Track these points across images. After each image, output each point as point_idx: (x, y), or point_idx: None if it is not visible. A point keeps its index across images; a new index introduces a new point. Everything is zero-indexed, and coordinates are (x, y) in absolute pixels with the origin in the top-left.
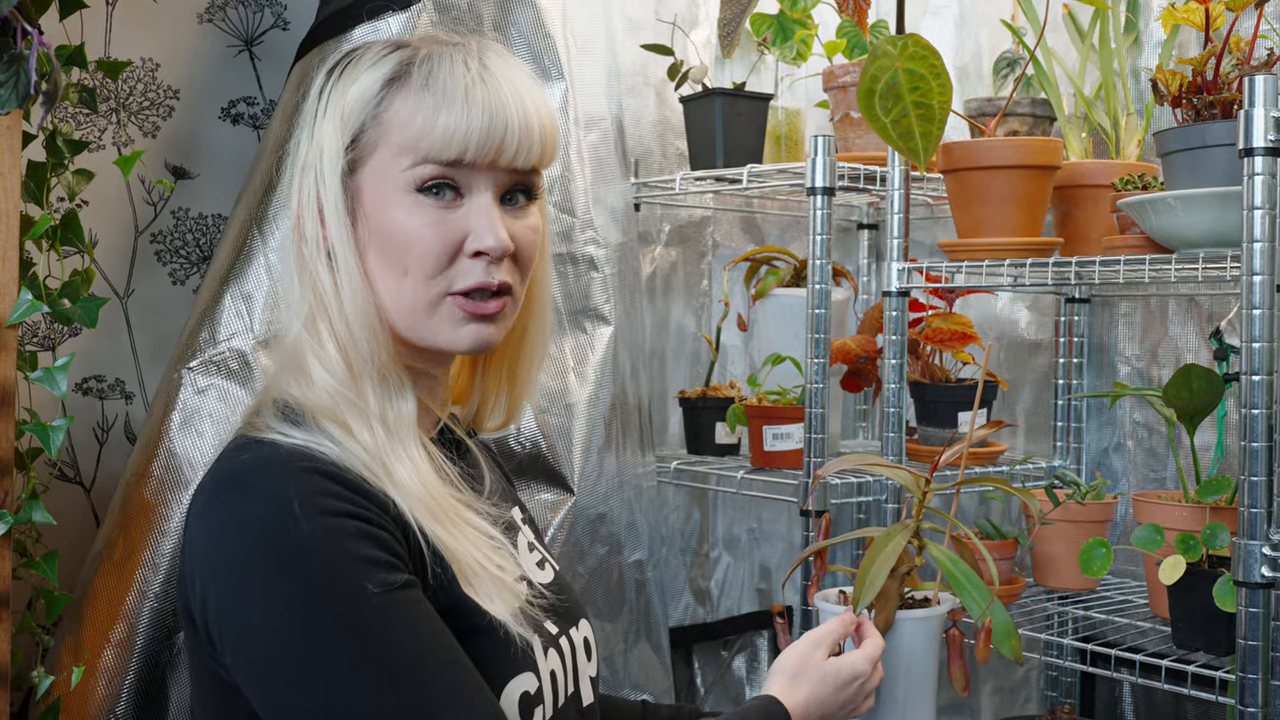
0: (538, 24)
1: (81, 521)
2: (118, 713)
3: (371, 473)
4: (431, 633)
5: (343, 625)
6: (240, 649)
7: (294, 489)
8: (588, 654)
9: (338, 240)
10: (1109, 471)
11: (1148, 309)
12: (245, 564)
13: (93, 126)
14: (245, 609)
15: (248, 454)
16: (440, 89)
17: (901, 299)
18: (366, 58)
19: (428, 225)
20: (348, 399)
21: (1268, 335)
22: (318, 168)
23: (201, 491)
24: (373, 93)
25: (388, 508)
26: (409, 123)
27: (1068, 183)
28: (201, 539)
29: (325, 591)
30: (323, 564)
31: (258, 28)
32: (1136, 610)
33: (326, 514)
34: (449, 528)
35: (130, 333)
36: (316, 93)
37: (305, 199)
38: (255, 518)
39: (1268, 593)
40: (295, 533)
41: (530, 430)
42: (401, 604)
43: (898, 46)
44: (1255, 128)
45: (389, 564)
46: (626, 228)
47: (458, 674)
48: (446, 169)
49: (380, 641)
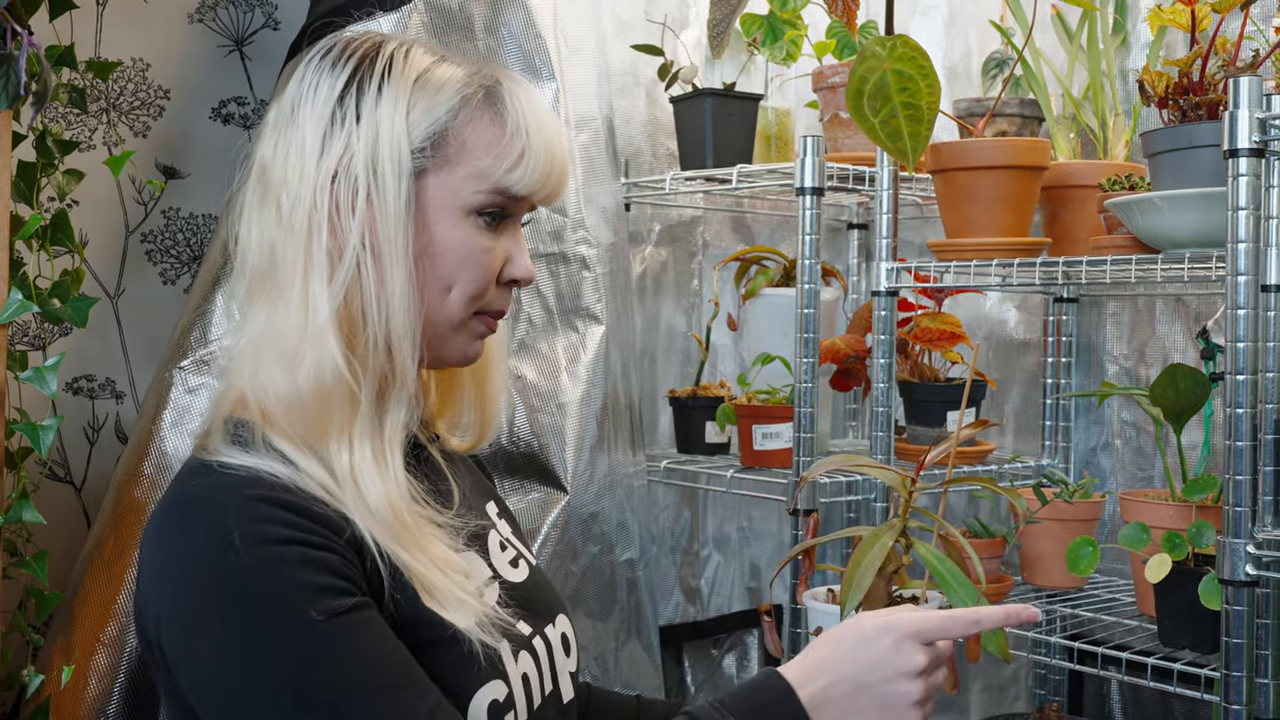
0: (528, 24)
1: (72, 521)
2: (109, 712)
3: (328, 493)
4: (380, 657)
5: (284, 656)
6: (191, 680)
7: (234, 518)
8: (566, 650)
9: (392, 242)
10: (1097, 470)
11: (1135, 309)
12: (187, 597)
13: (83, 126)
14: (190, 642)
15: (197, 480)
16: (518, 126)
17: (890, 299)
18: (417, 58)
19: (484, 251)
20: (342, 409)
21: (1252, 335)
22: (373, 159)
23: (152, 520)
24: (453, 104)
25: (340, 529)
26: (488, 150)
27: (1056, 183)
28: (148, 570)
29: (267, 621)
30: (263, 594)
31: (248, 28)
32: (1124, 608)
33: (268, 542)
34: (409, 546)
35: (121, 332)
36: (358, 66)
37: (347, 188)
38: (195, 551)
39: (1252, 591)
40: (235, 564)
41: (523, 429)
42: (347, 629)
43: (886, 47)
44: (1240, 129)
45: (335, 589)
46: (617, 227)
47: (408, 697)
48: (508, 201)
49: (324, 670)
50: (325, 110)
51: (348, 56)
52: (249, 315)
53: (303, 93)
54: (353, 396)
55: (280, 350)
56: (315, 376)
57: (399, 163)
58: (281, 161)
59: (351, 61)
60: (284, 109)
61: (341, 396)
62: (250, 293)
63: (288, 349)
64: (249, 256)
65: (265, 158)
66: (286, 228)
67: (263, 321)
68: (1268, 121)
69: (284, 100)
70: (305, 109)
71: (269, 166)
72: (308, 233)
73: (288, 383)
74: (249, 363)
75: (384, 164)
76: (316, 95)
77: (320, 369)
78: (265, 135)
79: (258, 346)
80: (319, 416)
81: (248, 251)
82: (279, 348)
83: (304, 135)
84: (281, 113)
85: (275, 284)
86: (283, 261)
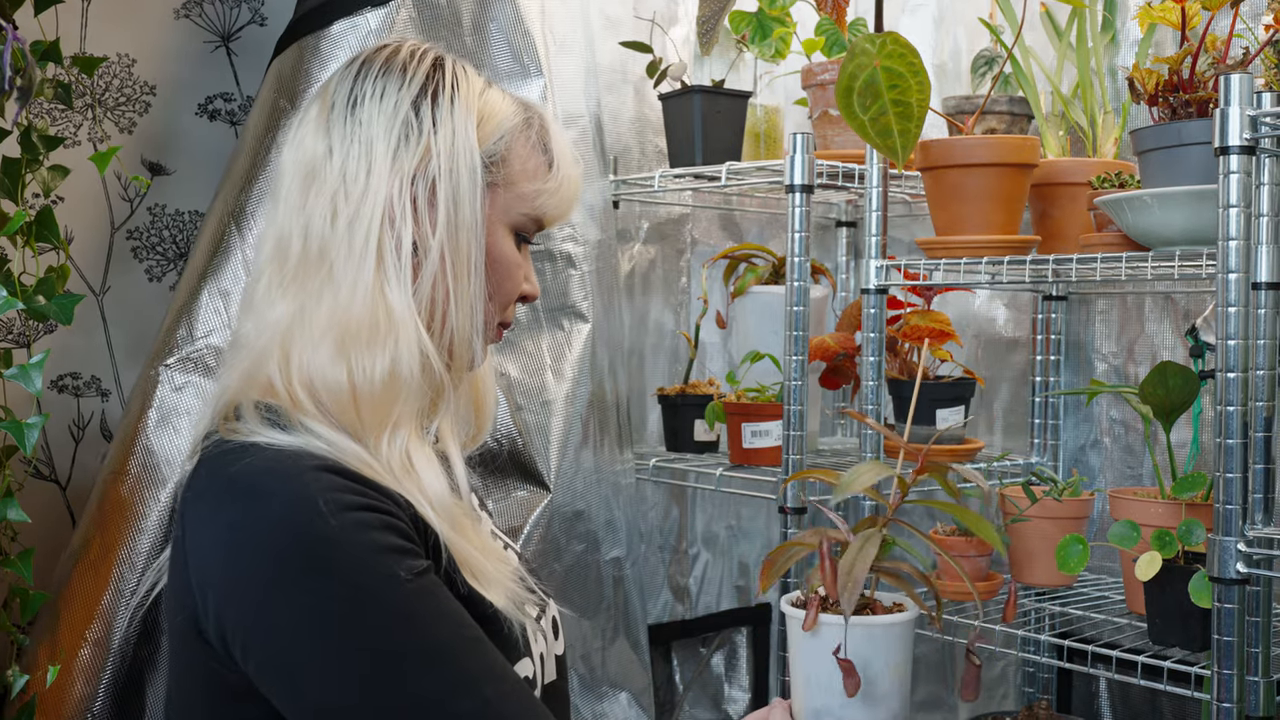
0: (516, 21)
1: (57, 519)
2: (95, 711)
3: (371, 469)
4: (459, 614)
5: (383, 614)
6: (274, 654)
7: (314, 486)
8: (555, 633)
9: (468, 247)
10: (1086, 468)
11: (1125, 306)
12: (273, 569)
13: (68, 122)
14: (278, 614)
15: (248, 458)
16: (558, 160)
17: (880, 296)
18: (473, 76)
19: (519, 266)
20: (409, 401)
21: (1242, 332)
22: (453, 166)
23: (200, 500)
24: (514, 125)
25: (398, 500)
26: (533, 177)
27: (1045, 181)
28: (211, 548)
29: (362, 582)
30: (356, 556)
31: (234, 23)
32: (1113, 606)
33: (349, 509)
34: (462, 531)
35: (106, 329)
36: (430, 75)
37: (424, 190)
38: (278, 520)
39: (1242, 588)
40: (324, 529)
41: (506, 427)
42: (431, 588)
43: (876, 45)
44: (1230, 126)
45: (413, 551)
46: (605, 225)
47: (489, 651)
48: (539, 225)
49: (420, 626)
50: (399, 113)
51: (417, 63)
52: (279, 303)
53: (366, 93)
54: (421, 390)
55: (343, 341)
56: (392, 369)
57: (474, 171)
58: (340, 159)
59: (422, 68)
60: (336, 106)
61: (413, 389)
62: (286, 283)
63: (356, 340)
64: (290, 247)
65: (314, 153)
66: (348, 224)
67: (309, 312)
68: (1258, 119)
69: (334, 97)
70: (371, 110)
71: (320, 162)
72: (379, 230)
73: (354, 372)
74: (283, 350)
75: (462, 171)
76: (385, 98)
77: (400, 363)
78: (307, 130)
79: (300, 335)
80: (382, 407)
81: (287, 242)
82: (341, 339)
83: (371, 135)
84: (333, 109)
85: (325, 277)
86: (338, 256)
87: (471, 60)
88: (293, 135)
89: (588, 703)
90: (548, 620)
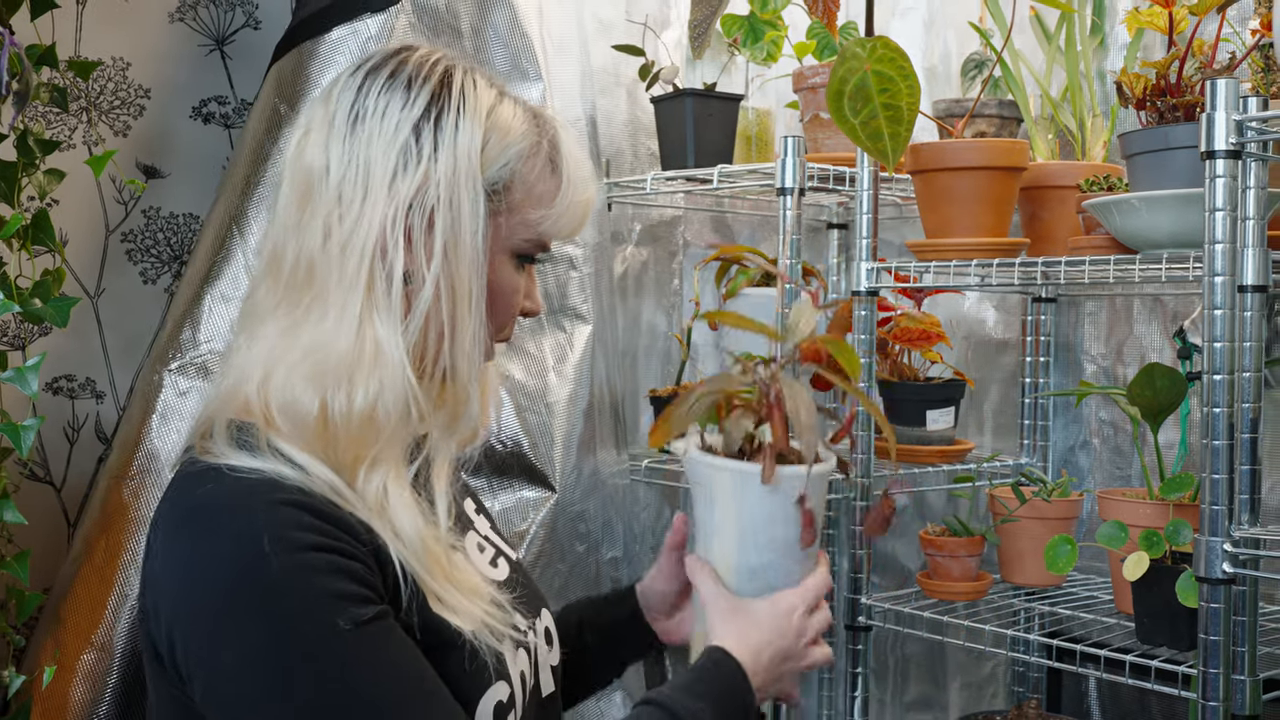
0: (514, 24)
1: (52, 521)
2: (100, 715)
3: (340, 496)
4: (402, 665)
5: (315, 665)
6: (212, 689)
7: (262, 523)
8: (549, 643)
9: (468, 279)
10: (1075, 469)
11: (1113, 308)
12: (216, 605)
13: (63, 125)
14: (217, 651)
15: (210, 484)
16: (570, 180)
17: (870, 298)
18: (483, 90)
19: (515, 291)
20: (390, 436)
21: (1229, 335)
22: (453, 196)
23: (163, 524)
24: (522, 149)
25: (359, 533)
26: (540, 202)
27: (1034, 183)
28: (166, 577)
29: (298, 629)
30: (295, 602)
31: (229, 27)
32: (1102, 606)
33: (297, 549)
34: (431, 567)
35: (101, 332)
36: (435, 94)
37: (421, 219)
38: (224, 557)
39: (1229, 588)
40: (266, 571)
41: (511, 429)
42: (372, 638)
43: (866, 48)
44: (1216, 131)
45: (360, 597)
46: (601, 227)
47: (429, 705)
48: (545, 247)
49: (352, 680)
50: (399, 136)
51: (422, 80)
52: (269, 319)
53: (368, 110)
54: (400, 432)
55: (321, 371)
56: (371, 408)
57: (476, 201)
58: (337, 178)
59: (428, 86)
60: (337, 119)
61: (393, 430)
62: (278, 299)
63: (335, 373)
64: (283, 263)
65: (312, 167)
66: (340, 248)
67: (292, 333)
68: (1244, 123)
69: (335, 108)
70: (372, 128)
71: (318, 178)
72: (371, 259)
73: (330, 405)
74: (264, 370)
75: (463, 201)
76: (387, 117)
77: (380, 403)
78: (310, 139)
79: (281, 357)
80: (358, 444)
81: (280, 257)
82: (319, 368)
83: (369, 157)
84: (334, 122)
85: (313, 300)
86: (327, 280)
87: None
88: (294, 143)
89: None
90: (541, 628)
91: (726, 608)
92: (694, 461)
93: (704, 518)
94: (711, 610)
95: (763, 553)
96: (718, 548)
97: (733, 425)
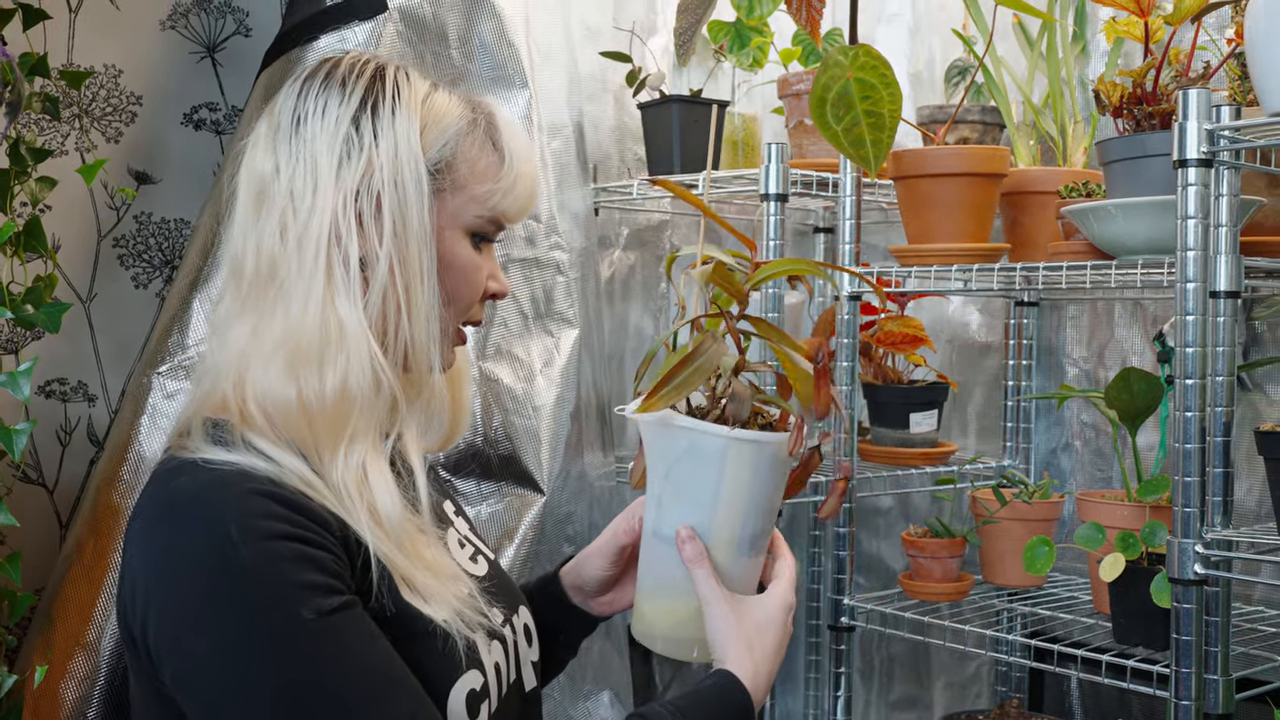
0: (501, 33)
1: (44, 523)
2: (89, 715)
3: (310, 487)
4: (366, 656)
5: (280, 654)
6: (181, 676)
7: (231, 512)
8: (529, 639)
9: (417, 258)
10: (1057, 471)
11: (1094, 312)
12: (185, 593)
13: (55, 132)
14: (181, 636)
15: (184, 477)
16: (512, 157)
17: (854, 302)
18: (416, 82)
19: (477, 269)
20: (362, 417)
21: (1201, 340)
22: (396, 177)
23: (139, 517)
24: (460, 128)
25: (328, 524)
26: (485, 177)
27: (1015, 189)
28: (138, 565)
29: (261, 619)
30: (259, 591)
31: (220, 34)
32: (1081, 606)
33: (264, 537)
34: (407, 551)
35: (93, 336)
36: (369, 88)
37: (369, 205)
38: (190, 546)
39: (1200, 589)
40: (234, 559)
41: (499, 432)
42: (337, 629)
43: (849, 56)
44: (1189, 140)
45: (326, 587)
46: (588, 232)
47: (394, 696)
48: (498, 225)
49: (316, 670)
50: (340, 129)
51: (355, 76)
52: (236, 322)
53: (309, 110)
54: (374, 404)
55: (293, 359)
56: (343, 385)
57: (420, 180)
58: (287, 178)
59: (361, 81)
60: (282, 125)
61: (366, 404)
62: (242, 301)
63: (306, 358)
64: (244, 266)
65: (263, 172)
66: (296, 241)
67: (261, 330)
68: (1215, 133)
69: (279, 116)
70: (314, 127)
71: (269, 181)
72: (327, 246)
73: (304, 390)
74: (238, 369)
75: (407, 181)
76: (326, 114)
77: (350, 378)
78: (258, 149)
79: (254, 354)
80: (334, 423)
81: (241, 261)
82: (291, 356)
83: (315, 152)
84: (279, 128)
85: (277, 295)
86: (288, 274)
87: (458, 73)
88: (247, 154)
89: (573, 702)
90: (520, 624)
91: (730, 614)
92: (700, 432)
93: (695, 489)
94: (714, 616)
95: (763, 519)
96: (721, 518)
97: (740, 395)
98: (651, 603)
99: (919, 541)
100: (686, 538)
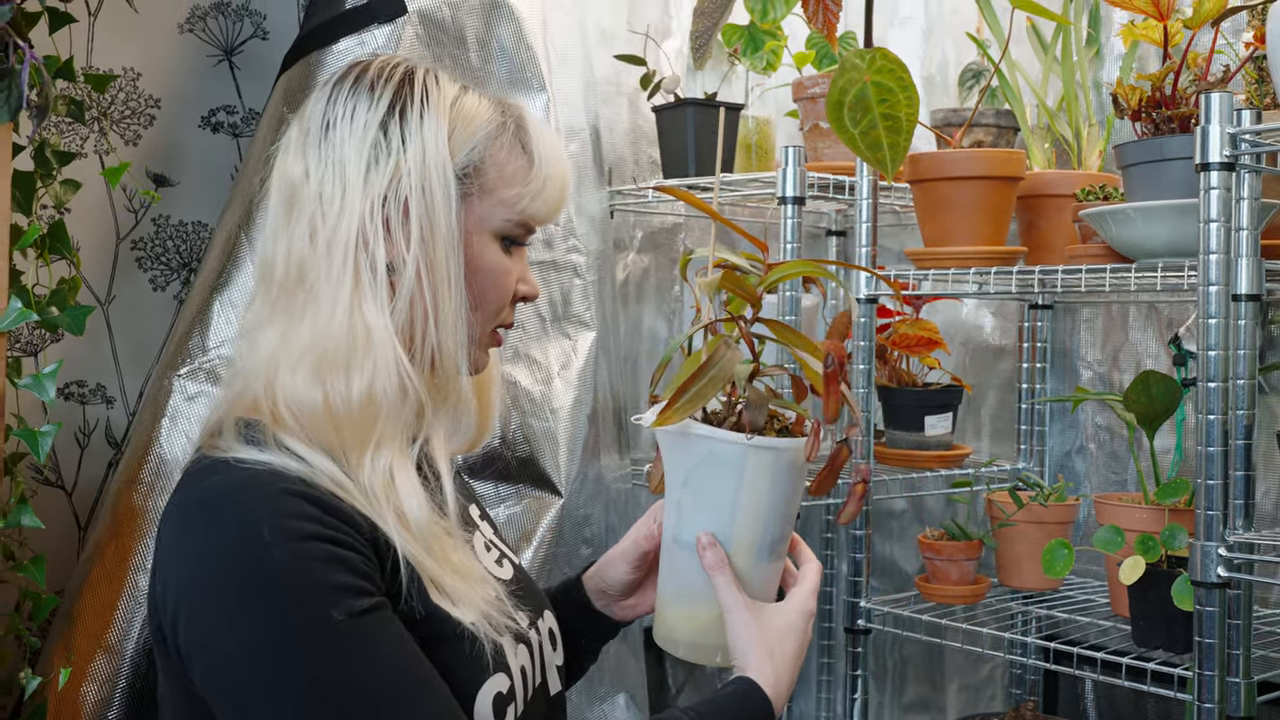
0: (519, 37)
1: (63, 525)
2: (111, 716)
3: (341, 489)
4: (395, 658)
5: (309, 655)
6: (208, 673)
7: (263, 512)
8: (554, 644)
9: (445, 262)
10: (1071, 474)
11: (1109, 315)
12: (216, 591)
13: (75, 136)
14: (215, 636)
15: (216, 476)
16: (542, 159)
17: (869, 305)
18: (445, 85)
19: (506, 273)
20: (390, 421)
21: (1223, 343)
22: (424, 182)
23: (171, 516)
24: (489, 132)
25: (359, 525)
26: (514, 180)
27: (1031, 192)
28: (170, 563)
29: (293, 618)
30: (292, 591)
31: (237, 38)
32: (1098, 610)
33: (296, 538)
34: (435, 554)
35: (111, 338)
36: (398, 92)
37: (397, 209)
38: (222, 545)
39: (1223, 592)
40: (265, 559)
41: (517, 435)
42: (366, 631)
43: (866, 60)
44: (1211, 143)
45: (356, 589)
46: (604, 235)
47: (422, 699)
48: (528, 228)
49: (344, 671)
50: (368, 134)
51: (384, 81)
52: (266, 326)
53: (338, 115)
54: (400, 409)
55: (320, 364)
56: (369, 391)
57: (447, 185)
58: (316, 182)
59: (389, 86)
60: (311, 129)
61: (392, 409)
62: (272, 305)
63: (333, 363)
64: (274, 270)
65: (293, 176)
66: (325, 246)
67: (290, 334)
68: (1238, 136)
69: (309, 120)
70: (343, 131)
71: (299, 185)
72: (354, 251)
73: (330, 395)
74: (268, 373)
75: (434, 187)
76: (355, 119)
77: (377, 383)
78: (289, 153)
79: (282, 358)
80: (360, 428)
81: (271, 265)
82: (318, 362)
83: (343, 157)
84: (309, 133)
85: (306, 299)
86: (317, 278)
87: (476, 76)
88: (278, 158)
89: (589, 704)
90: (545, 628)
91: (752, 621)
92: (718, 440)
93: (714, 496)
94: (735, 623)
95: (782, 524)
96: (741, 525)
97: (756, 402)
98: (673, 608)
99: (936, 544)
100: (707, 544)
